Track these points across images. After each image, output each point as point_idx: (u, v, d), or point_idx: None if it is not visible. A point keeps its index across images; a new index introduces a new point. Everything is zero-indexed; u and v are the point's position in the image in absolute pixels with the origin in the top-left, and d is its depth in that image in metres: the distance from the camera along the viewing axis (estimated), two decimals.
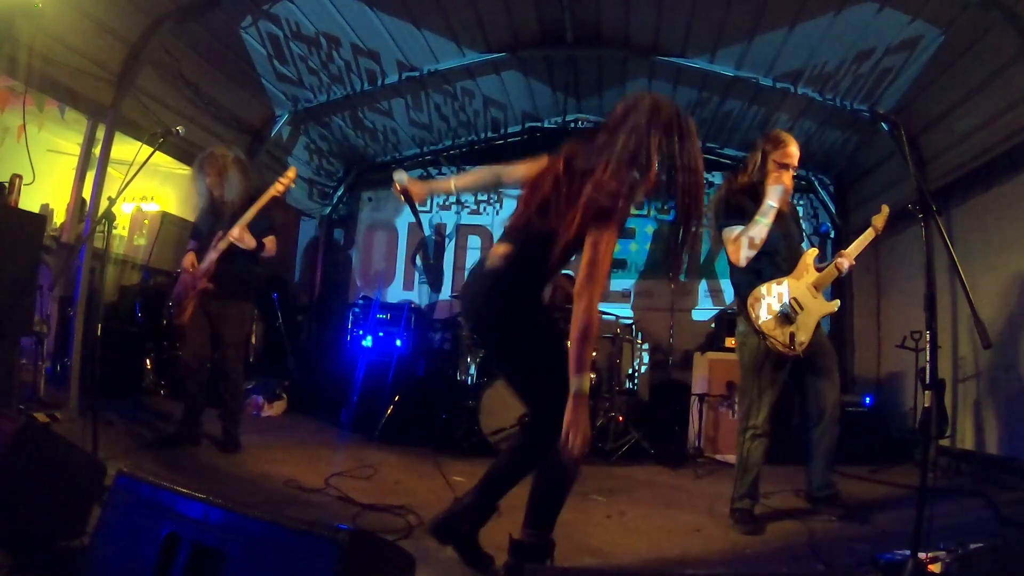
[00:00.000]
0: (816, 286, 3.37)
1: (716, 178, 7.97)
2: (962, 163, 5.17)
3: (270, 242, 4.34)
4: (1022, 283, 4.68)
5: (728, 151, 7.90)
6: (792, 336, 3.22)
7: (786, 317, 3.24)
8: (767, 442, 3.33)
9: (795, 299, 3.29)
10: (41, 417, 4.25)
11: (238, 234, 4.09)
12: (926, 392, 2.41)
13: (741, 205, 3.37)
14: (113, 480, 1.92)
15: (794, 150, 3.34)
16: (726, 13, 5.31)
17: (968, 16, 4.41)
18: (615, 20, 5.89)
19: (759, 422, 3.30)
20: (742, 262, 3.31)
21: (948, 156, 5.32)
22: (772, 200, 3.27)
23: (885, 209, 3.47)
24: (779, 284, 3.32)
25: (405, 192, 2.67)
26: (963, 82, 4.86)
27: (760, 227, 3.26)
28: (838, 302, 3.53)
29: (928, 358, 2.37)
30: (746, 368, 3.38)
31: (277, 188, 4.16)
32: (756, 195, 3.35)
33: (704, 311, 7.73)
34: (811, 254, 3.43)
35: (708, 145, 7.91)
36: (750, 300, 3.31)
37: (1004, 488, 4.28)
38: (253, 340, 6.63)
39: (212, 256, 4.13)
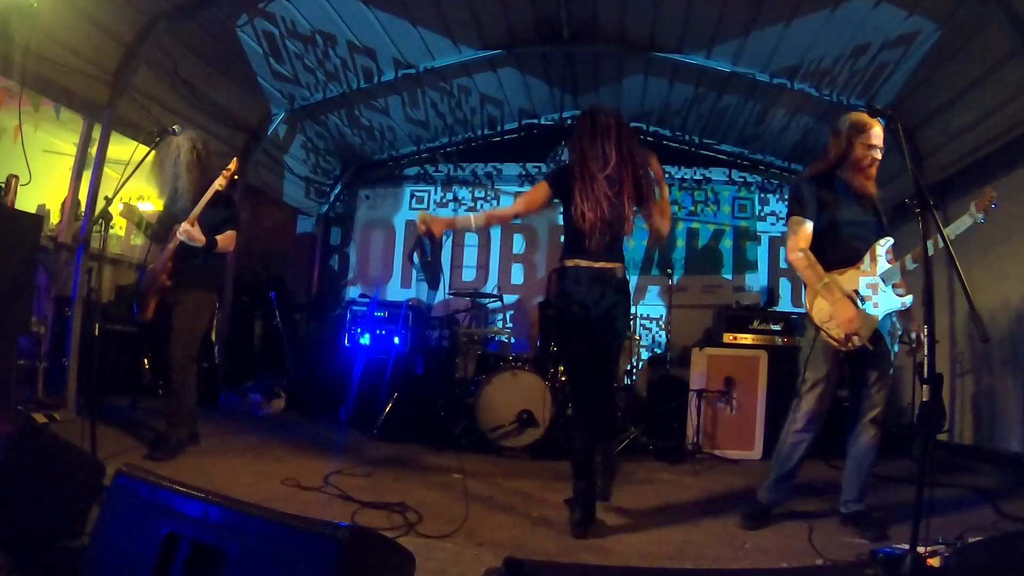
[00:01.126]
0: (885, 279, 3.17)
1: (714, 174, 7.99)
2: (959, 158, 5.18)
3: (225, 238, 4.10)
4: (1019, 278, 4.69)
5: (725, 147, 7.91)
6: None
7: None
8: (810, 440, 3.18)
9: (856, 291, 3.14)
10: (39, 417, 4.26)
11: (187, 230, 3.87)
12: (924, 387, 2.41)
13: (807, 196, 3.29)
14: (112, 480, 1.92)
15: (879, 130, 3.21)
16: (722, 9, 5.31)
17: (965, 11, 4.41)
18: (611, 16, 5.88)
19: (800, 424, 3.19)
20: (788, 257, 3.33)
21: (945, 151, 5.33)
22: (822, 291, 3.16)
23: (990, 193, 3.04)
24: (837, 275, 3.17)
25: (429, 233, 3.08)
26: (960, 77, 4.86)
27: (807, 276, 3.24)
28: (911, 297, 3.18)
29: (926, 353, 2.38)
30: (801, 359, 3.27)
31: (220, 182, 3.98)
32: (832, 181, 3.28)
33: (705, 307, 7.73)
34: (883, 243, 3.23)
35: (705, 141, 7.92)
36: (808, 290, 3.25)
37: (1002, 482, 4.29)
38: (214, 337, 6.27)
39: (168, 251, 3.94)
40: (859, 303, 3.12)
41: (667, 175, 7.84)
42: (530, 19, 6.03)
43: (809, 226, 3.24)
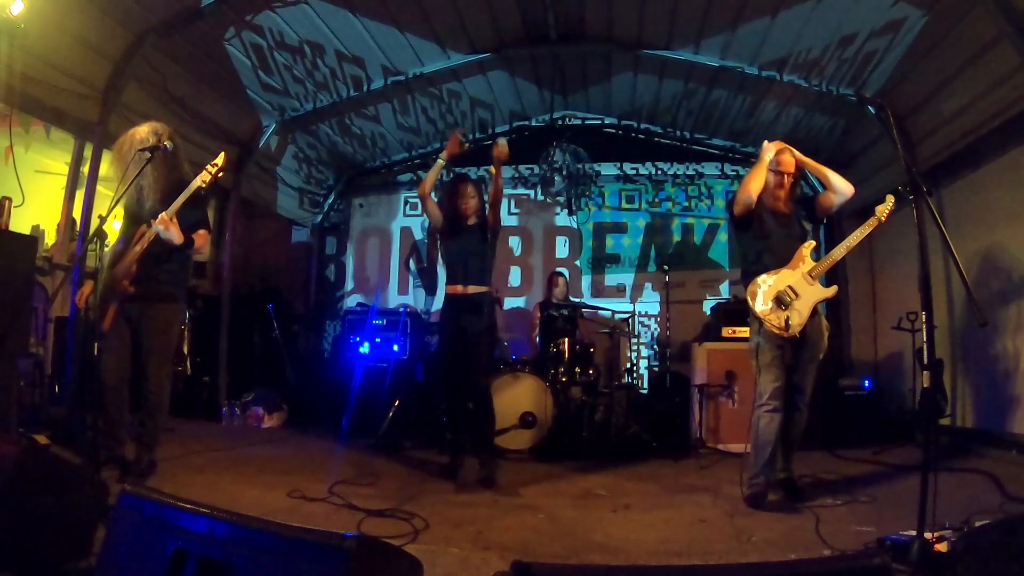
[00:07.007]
0: (812, 274, 3.64)
1: (706, 168, 8.00)
2: (950, 143, 5.19)
3: (200, 237, 3.75)
4: (1014, 260, 4.70)
5: (716, 141, 7.91)
6: (787, 320, 3.52)
7: (780, 303, 3.56)
8: (778, 418, 3.51)
9: (790, 287, 3.59)
10: (41, 438, 4.24)
11: (166, 223, 3.47)
12: (924, 372, 2.42)
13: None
14: (117, 499, 1.92)
15: (786, 157, 3.78)
16: (708, 3, 5.32)
17: None
18: (598, 15, 5.90)
19: (764, 400, 3.54)
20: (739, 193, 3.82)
21: (936, 137, 5.33)
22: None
23: (890, 199, 3.59)
24: (772, 275, 3.65)
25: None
26: (947, 63, 4.87)
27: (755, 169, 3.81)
28: (835, 288, 3.84)
29: (925, 338, 2.38)
30: (751, 352, 3.69)
31: (204, 177, 3.61)
32: (760, 198, 3.78)
33: (703, 302, 7.74)
34: (808, 246, 3.71)
35: (697, 136, 7.92)
36: (749, 290, 3.66)
37: (1006, 464, 4.30)
38: (185, 349, 6.12)
39: (135, 253, 3.55)
40: (793, 296, 3.57)
41: (659, 171, 8.00)
42: (517, 22, 6.04)
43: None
